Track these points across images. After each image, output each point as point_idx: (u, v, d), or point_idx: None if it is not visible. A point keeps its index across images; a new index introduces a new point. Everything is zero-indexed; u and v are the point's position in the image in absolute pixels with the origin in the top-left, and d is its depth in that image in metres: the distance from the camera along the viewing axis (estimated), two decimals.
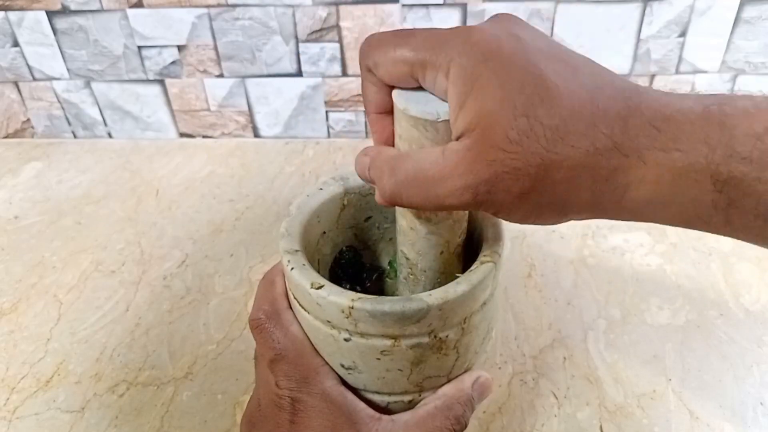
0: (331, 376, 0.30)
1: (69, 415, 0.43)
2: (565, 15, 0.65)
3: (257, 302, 0.33)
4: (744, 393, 0.42)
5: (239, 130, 0.77)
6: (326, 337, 0.29)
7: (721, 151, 0.20)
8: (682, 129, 0.21)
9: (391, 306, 0.27)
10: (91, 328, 0.50)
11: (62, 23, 0.70)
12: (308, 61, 0.71)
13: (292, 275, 0.29)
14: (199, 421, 0.42)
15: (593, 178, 0.22)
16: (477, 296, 0.28)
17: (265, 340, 0.31)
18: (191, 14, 0.69)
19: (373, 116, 0.28)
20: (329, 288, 0.28)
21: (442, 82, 0.23)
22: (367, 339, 0.28)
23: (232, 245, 0.59)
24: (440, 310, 0.27)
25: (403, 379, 0.30)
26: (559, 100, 0.21)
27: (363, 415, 0.30)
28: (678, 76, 0.69)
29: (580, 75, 0.22)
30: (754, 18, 0.65)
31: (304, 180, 0.69)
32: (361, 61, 0.27)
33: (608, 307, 0.50)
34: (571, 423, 0.41)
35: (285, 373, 0.30)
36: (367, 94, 0.28)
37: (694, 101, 0.22)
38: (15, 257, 0.59)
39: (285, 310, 0.32)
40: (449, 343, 0.29)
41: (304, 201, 0.34)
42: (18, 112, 0.78)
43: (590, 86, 0.22)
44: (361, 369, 0.29)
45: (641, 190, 0.22)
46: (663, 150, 0.21)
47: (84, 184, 0.70)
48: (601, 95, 0.22)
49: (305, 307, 0.30)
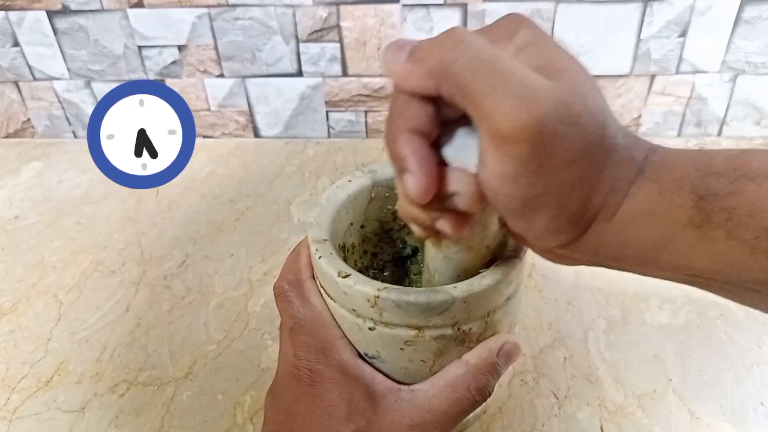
0: (348, 348, 0.30)
1: (69, 415, 0.43)
2: (565, 15, 0.65)
3: (282, 271, 0.33)
4: (744, 393, 0.42)
5: (239, 130, 0.77)
6: (351, 325, 0.29)
7: (702, 169, 0.22)
8: (671, 152, 0.23)
9: (417, 296, 0.27)
10: (91, 328, 0.50)
11: (62, 23, 0.70)
12: (308, 61, 0.71)
13: (319, 264, 0.30)
14: (199, 421, 0.42)
15: (609, 179, 0.23)
16: (501, 290, 0.29)
17: (286, 309, 0.31)
18: (191, 14, 0.69)
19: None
20: (356, 277, 0.28)
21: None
22: (392, 329, 0.28)
23: (232, 245, 0.59)
24: (464, 303, 0.27)
25: (426, 370, 0.30)
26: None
27: (381, 387, 0.29)
28: (678, 76, 0.69)
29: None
30: (754, 18, 0.65)
31: (304, 180, 0.69)
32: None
33: (608, 307, 0.50)
34: (571, 423, 0.41)
35: (303, 343, 0.30)
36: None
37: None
38: (15, 257, 0.59)
39: (307, 280, 0.32)
40: (472, 336, 0.29)
41: (333, 192, 0.34)
42: (18, 112, 0.78)
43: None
44: (385, 358, 0.30)
45: (634, 201, 0.22)
46: (656, 165, 0.23)
47: (84, 184, 0.70)
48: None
49: (331, 295, 0.30)
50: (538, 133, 0.20)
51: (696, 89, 0.70)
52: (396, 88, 0.23)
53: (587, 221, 0.23)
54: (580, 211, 0.23)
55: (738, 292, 0.23)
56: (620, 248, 0.23)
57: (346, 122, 0.76)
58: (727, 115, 0.72)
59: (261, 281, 0.54)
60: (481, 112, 0.20)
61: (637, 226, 0.23)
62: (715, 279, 0.22)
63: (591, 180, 0.22)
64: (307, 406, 0.29)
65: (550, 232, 0.23)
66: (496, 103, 0.20)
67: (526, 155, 0.20)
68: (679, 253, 0.22)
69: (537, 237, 0.24)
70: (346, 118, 0.75)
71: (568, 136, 0.20)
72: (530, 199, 0.22)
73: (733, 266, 0.21)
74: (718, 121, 0.72)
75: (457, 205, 0.24)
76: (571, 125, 0.20)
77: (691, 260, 0.22)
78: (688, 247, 0.22)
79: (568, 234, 0.23)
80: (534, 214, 0.22)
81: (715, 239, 0.21)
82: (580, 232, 0.23)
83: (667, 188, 0.22)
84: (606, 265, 0.25)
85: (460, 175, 0.23)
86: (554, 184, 0.21)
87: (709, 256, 0.22)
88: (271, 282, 0.54)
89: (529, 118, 0.20)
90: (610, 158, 0.22)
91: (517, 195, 0.22)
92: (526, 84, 0.20)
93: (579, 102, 0.21)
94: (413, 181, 0.22)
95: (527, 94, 0.20)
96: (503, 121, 0.20)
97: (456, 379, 0.29)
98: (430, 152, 0.23)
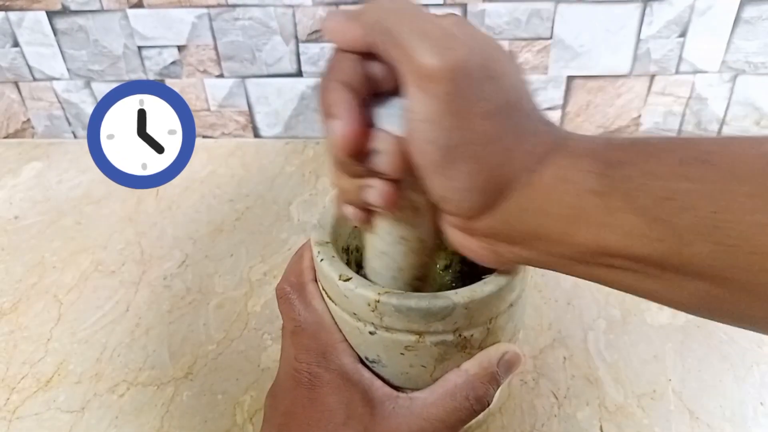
0: (349, 353, 0.30)
1: (69, 415, 0.43)
2: (565, 15, 0.65)
3: (285, 273, 0.33)
4: (744, 393, 0.42)
5: (239, 130, 0.77)
6: (352, 329, 0.29)
7: (611, 144, 0.23)
8: (586, 135, 0.25)
9: (417, 302, 0.27)
10: (91, 328, 0.50)
11: (62, 23, 0.70)
12: (308, 61, 0.71)
13: (321, 266, 0.30)
14: (199, 421, 0.42)
15: (525, 142, 0.24)
16: (504, 297, 0.29)
17: (288, 311, 0.31)
18: (191, 14, 0.69)
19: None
20: (357, 281, 0.28)
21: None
22: (392, 333, 0.28)
23: (232, 245, 0.59)
24: (466, 309, 0.27)
25: (427, 375, 0.30)
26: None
27: (380, 393, 0.29)
28: (678, 76, 0.69)
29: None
30: (754, 18, 0.65)
31: (304, 180, 0.69)
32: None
33: (608, 307, 0.50)
34: (571, 423, 0.41)
35: (304, 346, 0.30)
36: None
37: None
38: (15, 257, 0.59)
39: (309, 283, 0.32)
40: (474, 342, 0.29)
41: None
42: (18, 112, 0.78)
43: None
44: (385, 363, 0.30)
45: (549, 169, 0.23)
46: (571, 139, 0.24)
47: (84, 184, 0.70)
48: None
49: (333, 298, 0.30)
50: (461, 74, 0.22)
51: (696, 89, 0.70)
52: (334, 49, 0.25)
53: (505, 183, 0.23)
54: (499, 169, 0.23)
55: (646, 280, 0.23)
56: (536, 220, 0.24)
57: None
58: (726, 115, 0.72)
59: (261, 281, 0.54)
60: (406, 53, 0.22)
61: (551, 193, 0.23)
62: (623, 257, 0.22)
63: (508, 139, 0.23)
64: (305, 409, 0.29)
65: (469, 189, 0.24)
66: (421, 43, 0.22)
67: (447, 94, 0.22)
68: (588, 225, 0.22)
69: (458, 198, 0.24)
70: None
71: (488, 87, 0.22)
72: (451, 147, 0.23)
73: (636, 239, 0.21)
74: (717, 121, 0.72)
75: (381, 165, 0.24)
76: (492, 78, 0.22)
77: (599, 235, 0.22)
78: (596, 218, 0.22)
79: (486, 195, 0.24)
80: (454, 166, 0.23)
81: (618, 208, 0.21)
82: (498, 195, 0.24)
83: (579, 156, 0.23)
84: (523, 247, 0.25)
85: (385, 135, 0.24)
86: (473, 133, 0.23)
87: (613, 229, 0.22)
88: (271, 282, 0.54)
89: (451, 57, 0.21)
90: (527, 123, 0.24)
91: (438, 140, 0.23)
92: (451, 33, 0.22)
93: (501, 62, 0.23)
94: (340, 126, 0.23)
95: (452, 40, 0.22)
96: (427, 59, 0.21)
97: (455, 387, 0.29)
98: (358, 104, 0.24)
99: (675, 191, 0.20)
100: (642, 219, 0.21)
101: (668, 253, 0.21)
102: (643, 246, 0.21)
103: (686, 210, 0.20)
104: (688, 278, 0.21)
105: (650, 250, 0.21)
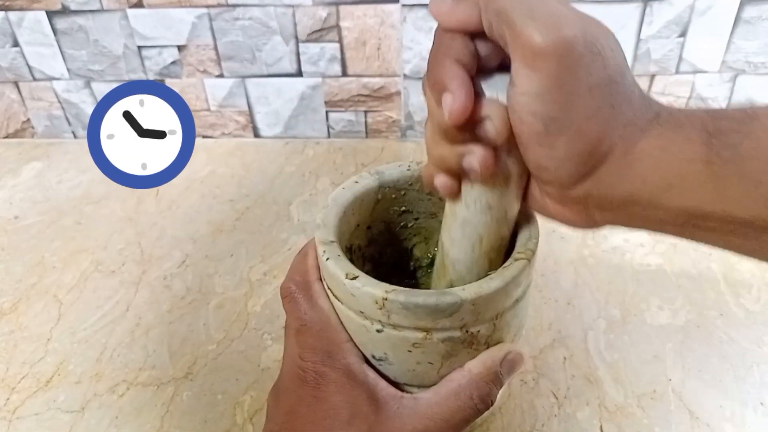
0: (354, 352, 0.30)
1: (69, 415, 0.43)
2: None
3: (290, 272, 0.33)
4: (744, 393, 0.42)
5: (239, 130, 0.77)
6: (359, 327, 0.29)
7: (714, 114, 0.24)
8: (684, 108, 0.25)
9: (425, 299, 0.27)
10: (91, 328, 0.50)
11: (62, 23, 0.70)
12: (308, 61, 0.71)
13: (327, 266, 0.30)
14: (199, 421, 0.42)
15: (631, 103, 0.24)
16: (510, 293, 0.29)
17: (293, 310, 0.32)
18: (191, 14, 0.69)
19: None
20: (363, 279, 0.28)
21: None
22: (399, 331, 0.28)
23: (232, 245, 0.59)
24: (473, 305, 0.27)
25: (434, 372, 0.30)
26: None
27: (384, 393, 0.30)
28: (678, 76, 0.69)
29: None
30: (754, 18, 0.65)
31: (304, 180, 0.69)
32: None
33: (608, 307, 0.50)
34: (571, 423, 0.41)
35: (310, 345, 0.30)
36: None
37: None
38: (15, 257, 0.59)
39: (315, 282, 0.32)
40: (480, 338, 0.29)
41: (340, 193, 0.34)
42: (18, 112, 0.78)
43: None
44: (392, 360, 0.30)
45: (649, 138, 0.24)
46: (671, 111, 0.25)
47: (84, 184, 0.70)
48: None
49: (339, 297, 0.30)
50: (567, 52, 0.22)
51: (696, 89, 0.70)
52: (441, 28, 0.26)
53: (603, 153, 0.24)
54: (598, 140, 0.24)
55: (737, 239, 0.24)
56: (633, 187, 0.24)
57: (346, 122, 0.76)
58: None
59: (261, 281, 0.54)
60: (515, 31, 0.23)
61: (650, 162, 0.24)
62: (719, 219, 0.23)
63: (609, 111, 0.24)
64: (310, 408, 0.29)
65: (569, 158, 0.25)
66: (531, 23, 0.23)
67: (553, 71, 0.23)
68: (688, 191, 0.23)
69: (556, 166, 0.25)
70: (345, 118, 0.75)
71: (592, 63, 0.23)
72: (553, 119, 0.24)
73: (737, 203, 0.22)
74: None
75: (487, 131, 0.26)
76: (596, 54, 0.23)
77: (699, 200, 0.23)
78: (698, 184, 0.23)
79: (585, 163, 0.25)
80: (555, 137, 0.24)
81: (723, 176, 0.22)
82: (596, 164, 0.24)
83: (681, 126, 0.24)
84: (616, 212, 0.26)
85: (492, 103, 0.25)
86: (576, 107, 0.23)
87: (716, 194, 0.22)
88: (271, 282, 0.54)
89: (560, 36, 0.22)
90: (628, 98, 0.24)
91: (542, 113, 0.24)
92: (559, 12, 0.23)
93: (603, 39, 0.24)
94: (452, 99, 0.25)
95: (559, 19, 0.23)
96: (536, 38, 0.22)
97: (459, 387, 0.29)
98: (470, 78, 0.25)
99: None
100: (749, 183, 0.22)
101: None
102: (746, 209, 0.22)
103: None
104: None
105: (754, 213, 0.22)
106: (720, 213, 0.23)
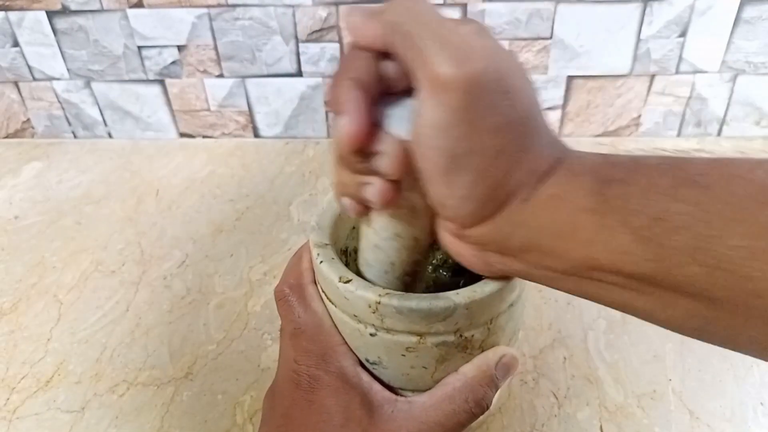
0: (348, 356, 0.30)
1: (69, 415, 0.43)
2: (565, 15, 0.65)
3: (284, 275, 0.33)
4: (744, 393, 0.42)
5: (239, 130, 0.77)
6: (353, 331, 0.29)
7: (608, 161, 0.23)
8: (588, 152, 0.25)
9: (418, 303, 0.27)
10: (91, 328, 0.50)
11: (62, 23, 0.70)
12: (308, 61, 0.71)
13: (321, 268, 0.30)
14: (199, 421, 0.42)
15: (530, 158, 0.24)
16: (504, 297, 0.29)
17: (287, 313, 0.31)
18: (191, 14, 0.69)
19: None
20: (357, 282, 0.28)
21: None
22: (393, 335, 0.28)
23: (232, 245, 0.59)
24: (467, 309, 0.27)
25: (428, 376, 0.30)
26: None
27: (378, 396, 0.29)
28: (678, 76, 0.69)
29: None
30: (754, 18, 0.65)
31: (304, 180, 0.69)
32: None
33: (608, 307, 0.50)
34: (571, 423, 0.41)
35: (304, 349, 0.30)
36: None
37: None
38: (15, 257, 0.59)
39: (309, 285, 0.32)
40: (474, 342, 0.29)
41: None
42: (18, 112, 0.78)
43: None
44: (386, 365, 0.30)
45: (548, 185, 0.23)
46: (572, 156, 0.24)
47: (84, 184, 0.70)
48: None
49: (333, 300, 0.30)
50: (474, 86, 0.21)
51: (696, 89, 0.70)
52: (351, 44, 0.25)
53: (504, 197, 0.24)
54: (499, 183, 0.24)
55: (638, 297, 0.23)
56: (530, 234, 0.24)
57: None
58: (727, 115, 0.72)
59: (261, 281, 0.54)
60: (422, 58, 0.22)
61: (547, 210, 0.23)
62: (611, 271, 0.22)
63: (514, 154, 0.23)
64: (304, 411, 0.29)
65: (469, 199, 0.24)
66: (439, 51, 0.21)
67: (459, 105, 0.22)
68: (580, 241, 0.22)
69: (456, 205, 0.24)
70: None
71: (500, 102, 0.22)
72: (456, 156, 0.23)
73: (627, 257, 0.21)
74: (717, 121, 0.72)
75: (382, 166, 0.25)
76: (505, 93, 0.22)
77: (591, 251, 0.22)
78: (588, 234, 0.22)
79: (484, 206, 0.24)
80: (457, 174, 0.23)
81: (611, 227, 0.22)
82: (496, 208, 0.24)
83: (575, 175, 0.23)
84: (513, 258, 0.25)
85: (389, 138, 0.24)
86: (480, 146, 0.23)
87: (606, 246, 0.22)
88: (271, 282, 0.54)
89: (467, 69, 0.21)
90: (533, 141, 0.24)
91: (445, 148, 0.23)
92: (470, 42, 0.22)
93: (515, 76, 0.23)
94: (348, 122, 0.23)
95: (470, 51, 0.22)
96: (442, 68, 0.21)
97: (454, 391, 0.29)
98: (367, 103, 0.24)
99: (667, 212, 0.20)
100: (633, 238, 0.21)
101: (659, 273, 0.21)
102: (633, 264, 0.21)
103: (678, 231, 0.20)
104: (680, 296, 0.21)
105: (641, 268, 0.21)
106: (613, 266, 0.22)
